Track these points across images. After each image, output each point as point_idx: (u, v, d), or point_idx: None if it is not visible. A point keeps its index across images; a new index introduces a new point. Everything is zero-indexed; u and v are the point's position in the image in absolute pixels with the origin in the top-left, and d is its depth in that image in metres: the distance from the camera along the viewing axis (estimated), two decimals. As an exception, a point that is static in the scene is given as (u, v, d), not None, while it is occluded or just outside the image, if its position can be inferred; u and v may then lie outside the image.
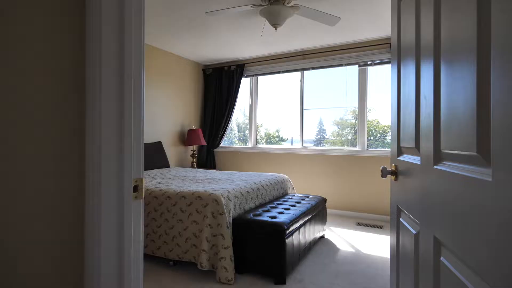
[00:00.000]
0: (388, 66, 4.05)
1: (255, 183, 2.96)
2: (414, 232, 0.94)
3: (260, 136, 5.21)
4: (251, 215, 2.47)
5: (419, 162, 0.90)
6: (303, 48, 4.42)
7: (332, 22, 2.85)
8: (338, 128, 4.52)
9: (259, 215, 2.49)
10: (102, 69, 0.72)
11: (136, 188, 0.79)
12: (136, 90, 0.80)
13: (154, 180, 3.13)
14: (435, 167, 0.78)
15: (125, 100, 0.75)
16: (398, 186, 1.15)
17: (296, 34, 3.86)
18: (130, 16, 0.77)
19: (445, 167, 0.72)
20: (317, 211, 3.05)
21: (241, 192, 2.62)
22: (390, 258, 1.32)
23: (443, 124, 0.73)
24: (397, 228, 1.17)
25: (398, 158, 1.14)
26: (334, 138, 4.52)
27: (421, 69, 0.88)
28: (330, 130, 4.58)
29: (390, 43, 3.81)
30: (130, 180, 0.76)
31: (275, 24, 2.67)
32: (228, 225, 2.29)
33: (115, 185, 0.73)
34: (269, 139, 5.27)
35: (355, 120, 4.35)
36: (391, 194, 1.25)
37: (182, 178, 3.26)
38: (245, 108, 5.36)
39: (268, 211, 2.62)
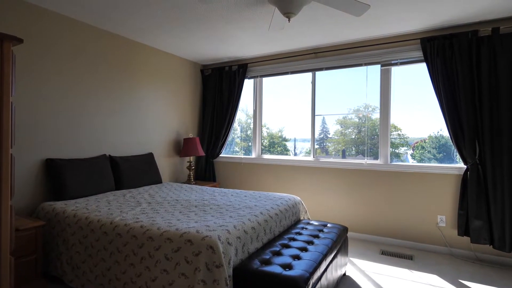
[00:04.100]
0: (417, 66, 3.44)
1: (261, 213, 2.38)
2: None
3: (262, 136, 4.63)
4: (257, 262, 1.89)
5: None
6: (315, 45, 3.83)
7: (359, 11, 2.26)
8: (341, 127, 4.12)
9: (268, 262, 1.90)
10: None
11: None
12: None
13: (138, 206, 2.56)
14: None
15: None
16: None
17: (308, 29, 3.26)
18: None
19: None
20: (339, 246, 2.47)
21: (244, 230, 2.04)
22: None
23: None
24: None
25: None
26: (337, 138, 4.13)
27: None
28: (333, 129, 4.12)
29: (420, 38, 3.22)
30: None
31: (288, 13, 2.08)
32: (228, 280, 1.72)
33: None
34: (272, 139, 4.73)
35: (359, 120, 3.97)
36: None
37: (173, 203, 2.68)
38: (247, 106, 4.81)
39: (279, 253, 2.04)
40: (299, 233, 2.47)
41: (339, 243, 2.47)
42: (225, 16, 2.93)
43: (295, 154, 4.61)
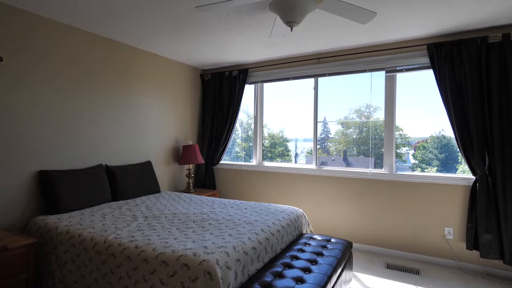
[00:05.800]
0: (423, 72, 3.33)
1: (263, 230, 2.27)
2: None
3: (263, 137, 4.53)
4: (258, 286, 1.78)
5: None
6: (318, 50, 3.72)
7: (365, 18, 2.15)
8: (343, 127, 4.08)
9: (270, 286, 1.80)
10: None
11: None
12: None
13: (134, 221, 2.46)
14: None
15: None
16: None
17: (311, 34, 3.15)
18: None
19: None
20: (344, 263, 2.36)
21: (244, 251, 1.93)
22: None
23: None
24: None
25: None
26: (339, 138, 4.10)
27: None
28: (334, 129, 4.11)
29: (427, 44, 3.10)
30: None
31: (290, 22, 1.98)
32: (227, 308, 1.61)
33: None
34: (273, 139, 4.65)
35: (360, 120, 3.92)
36: None
37: (171, 218, 2.58)
38: (248, 106, 4.72)
39: (281, 275, 1.93)
40: (302, 250, 2.36)
41: (344, 260, 2.36)
42: (225, 22, 2.82)
43: (296, 155, 4.52)
